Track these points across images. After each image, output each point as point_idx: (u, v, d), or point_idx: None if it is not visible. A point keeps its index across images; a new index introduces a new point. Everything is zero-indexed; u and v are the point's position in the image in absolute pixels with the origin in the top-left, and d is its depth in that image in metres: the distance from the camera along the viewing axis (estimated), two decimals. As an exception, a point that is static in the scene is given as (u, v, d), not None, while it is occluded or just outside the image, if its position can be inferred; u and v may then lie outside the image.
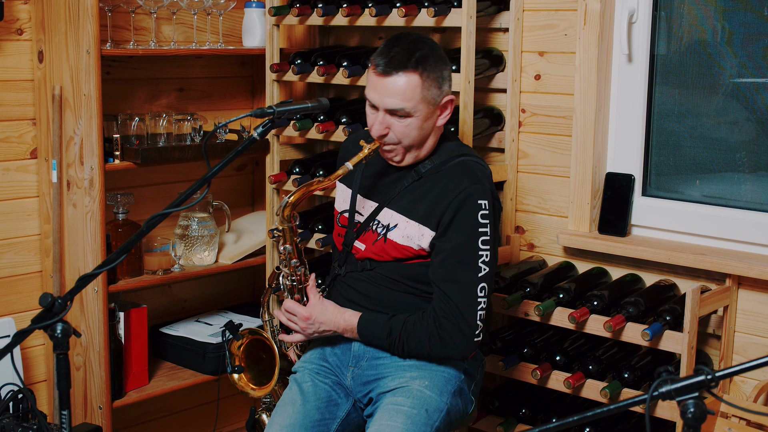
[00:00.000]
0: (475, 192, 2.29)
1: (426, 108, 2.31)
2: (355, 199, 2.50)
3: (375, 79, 2.30)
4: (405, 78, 2.27)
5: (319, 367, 2.47)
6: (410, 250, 2.37)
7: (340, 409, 2.43)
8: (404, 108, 2.28)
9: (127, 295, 3.25)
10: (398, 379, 2.36)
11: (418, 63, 2.27)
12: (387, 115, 2.31)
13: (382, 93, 2.29)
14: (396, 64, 2.27)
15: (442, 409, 2.32)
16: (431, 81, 2.29)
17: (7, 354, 1.93)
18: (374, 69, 2.30)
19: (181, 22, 3.31)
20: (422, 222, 2.35)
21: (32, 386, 3.14)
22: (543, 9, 2.96)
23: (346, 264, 2.49)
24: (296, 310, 2.42)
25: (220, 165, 2.12)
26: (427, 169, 2.39)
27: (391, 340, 2.34)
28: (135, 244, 2.05)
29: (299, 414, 2.37)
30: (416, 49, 2.28)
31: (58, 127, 2.97)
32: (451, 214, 2.29)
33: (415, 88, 2.27)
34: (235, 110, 3.60)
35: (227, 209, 3.35)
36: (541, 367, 2.73)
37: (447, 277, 2.29)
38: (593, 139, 2.88)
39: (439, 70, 2.31)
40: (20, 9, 2.99)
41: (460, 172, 2.35)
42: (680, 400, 1.49)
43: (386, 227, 2.40)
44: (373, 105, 2.33)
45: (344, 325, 2.39)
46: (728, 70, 2.77)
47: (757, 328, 2.67)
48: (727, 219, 2.74)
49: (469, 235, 2.28)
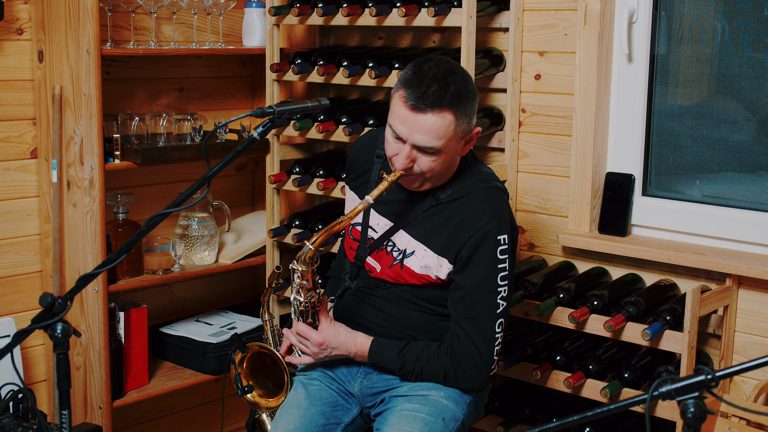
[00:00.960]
0: (494, 228, 2.24)
1: (455, 144, 2.22)
2: (368, 213, 2.43)
3: (405, 113, 2.16)
4: (439, 117, 2.15)
5: (326, 375, 2.45)
6: (428, 279, 2.33)
7: (346, 415, 2.42)
8: (434, 146, 2.17)
9: (127, 295, 3.25)
10: (411, 385, 2.35)
11: (452, 100, 2.15)
12: (414, 150, 2.20)
13: (411, 128, 2.16)
14: (430, 102, 2.14)
15: (458, 419, 2.32)
16: (464, 117, 2.19)
17: (7, 354, 1.93)
18: (405, 102, 2.16)
19: (181, 22, 3.31)
20: (440, 254, 2.30)
21: (32, 386, 3.14)
22: (543, 9, 2.96)
23: (359, 279, 2.45)
24: (309, 335, 2.35)
25: (220, 165, 2.12)
26: (447, 195, 2.32)
27: (403, 373, 2.33)
28: (135, 244, 2.05)
29: (304, 417, 2.35)
30: (450, 83, 2.16)
31: (58, 127, 2.97)
32: (470, 251, 2.25)
33: (448, 127, 2.16)
34: (235, 110, 3.60)
35: (227, 209, 3.35)
36: (541, 367, 2.73)
37: (465, 314, 2.27)
38: (593, 139, 2.88)
39: (471, 105, 2.21)
40: (20, 9, 2.99)
41: (481, 203, 2.28)
42: (680, 399, 1.49)
43: (403, 252, 2.35)
44: (399, 137, 2.21)
45: (355, 350, 2.36)
46: (728, 69, 2.77)
47: (757, 328, 2.67)
48: (727, 219, 2.74)
49: (488, 273, 2.25)
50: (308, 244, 2.27)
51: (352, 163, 2.55)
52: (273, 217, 3.33)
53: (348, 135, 3.00)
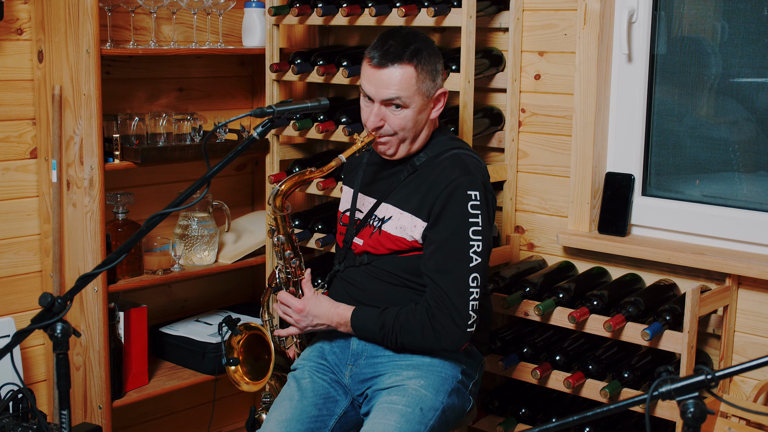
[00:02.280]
0: (465, 182, 2.32)
1: (420, 100, 2.35)
2: (356, 197, 2.52)
3: (370, 71, 2.34)
4: (400, 70, 2.31)
5: (318, 365, 2.48)
6: (404, 241, 2.39)
7: (338, 406, 2.44)
8: (400, 97, 2.32)
9: (126, 295, 3.25)
10: (394, 377, 2.37)
11: (413, 55, 2.32)
12: (382, 107, 2.35)
13: (377, 85, 2.33)
14: (391, 57, 2.31)
15: (437, 408, 2.33)
16: (426, 73, 2.34)
17: (7, 354, 1.93)
18: (369, 62, 2.35)
19: (181, 22, 3.31)
20: (414, 213, 2.37)
21: (32, 386, 3.14)
22: (543, 9, 2.96)
23: (345, 260, 2.51)
24: (290, 302, 2.45)
25: (219, 165, 2.12)
26: (422, 162, 2.42)
27: (383, 333, 2.35)
28: (135, 244, 2.05)
29: (296, 409, 2.38)
30: (410, 42, 2.33)
31: (58, 127, 2.97)
32: (441, 205, 2.32)
33: (410, 80, 2.31)
34: (234, 110, 3.60)
35: (227, 209, 3.35)
36: (541, 367, 2.73)
37: (438, 268, 2.31)
38: (593, 139, 2.88)
39: (432, 63, 2.36)
40: (20, 9, 2.99)
41: (452, 163, 2.38)
42: (680, 399, 1.49)
43: (381, 220, 2.44)
44: (369, 97, 2.37)
45: (338, 318, 2.41)
46: (728, 69, 2.77)
47: (757, 328, 2.67)
48: (727, 219, 2.74)
49: (460, 226, 2.30)
50: (276, 186, 2.40)
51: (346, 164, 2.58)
52: (273, 217, 3.33)
53: (348, 135, 3.00)
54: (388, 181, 2.47)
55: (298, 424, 2.35)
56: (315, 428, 2.38)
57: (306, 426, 2.36)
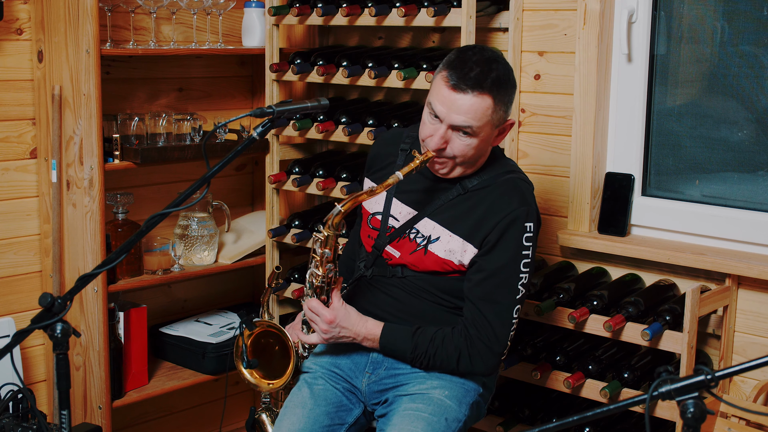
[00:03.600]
0: (522, 214, 2.27)
1: (490, 130, 2.27)
2: (390, 202, 2.44)
3: (446, 92, 2.21)
4: (478, 99, 2.20)
5: (331, 373, 2.44)
6: (450, 265, 2.33)
7: (350, 415, 2.41)
8: (471, 127, 2.22)
9: (126, 295, 3.25)
10: (418, 385, 2.35)
11: (493, 85, 2.21)
12: (449, 130, 2.24)
13: (450, 108, 2.21)
14: (471, 83, 2.19)
15: (460, 419, 2.32)
16: (501, 104, 2.25)
17: (7, 354, 1.93)
18: (446, 81, 2.22)
19: (181, 22, 3.31)
20: (466, 238, 2.31)
21: (32, 386, 3.14)
22: (542, 9, 2.96)
23: (375, 267, 2.44)
24: (320, 311, 2.34)
25: (219, 165, 2.12)
26: (474, 185, 2.35)
27: (415, 355, 2.31)
28: (135, 244, 2.05)
29: (309, 418, 2.35)
30: (492, 69, 2.22)
31: (58, 127, 2.97)
32: (497, 235, 2.27)
33: (486, 110, 2.22)
34: (234, 110, 3.60)
35: (227, 209, 3.35)
36: (541, 367, 2.73)
37: (485, 296, 2.28)
38: (593, 139, 2.88)
39: (509, 95, 2.27)
40: (20, 9, 2.99)
41: (509, 190, 2.31)
42: (680, 400, 1.49)
43: (427, 239, 2.36)
44: (437, 116, 2.25)
45: (365, 333, 2.34)
46: (728, 69, 2.77)
47: (756, 328, 2.67)
48: (727, 219, 2.74)
49: (513, 258, 2.27)
50: (338, 207, 2.28)
51: (375, 157, 2.54)
52: (272, 217, 3.33)
53: (347, 135, 3.00)
54: (433, 195, 2.38)
55: None
56: None
57: None
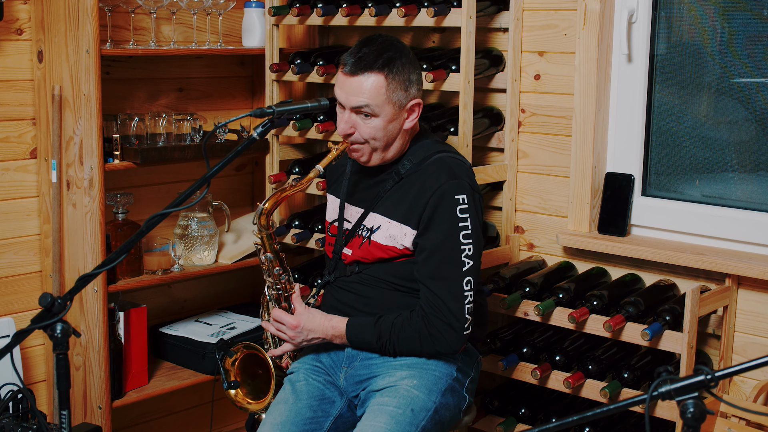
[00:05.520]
0: (451, 188, 2.32)
1: (391, 109, 2.34)
2: (343, 207, 2.53)
3: (342, 78, 2.35)
4: (371, 78, 2.31)
5: (313, 367, 2.49)
6: (394, 250, 2.40)
7: (333, 407, 2.45)
8: (369, 105, 2.32)
9: (126, 295, 3.25)
10: (388, 378, 2.37)
11: (384, 65, 2.31)
12: (353, 114, 2.35)
13: (347, 92, 2.34)
14: (363, 65, 2.31)
15: (429, 408, 2.33)
16: (397, 83, 2.33)
17: (7, 354, 1.93)
18: (342, 68, 2.35)
19: (181, 22, 3.31)
20: (403, 222, 2.38)
21: (32, 386, 3.14)
22: (543, 9, 2.96)
23: (336, 270, 2.52)
24: (284, 319, 2.45)
25: (219, 165, 2.12)
26: (407, 170, 2.42)
27: (381, 344, 2.36)
28: (135, 244, 2.05)
29: (291, 412, 2.39)
30: (384, 50, 2.33)
31: (58, 127, 2.97)
32: (430, 212, 2.33)
33: (380, 89, 2.31)
34: (234, 110, 3.60)
35: (227, 209, 3.35)
36: (540, 367, 2.73)
37: (432, 274, 2.32)
38: (593, 139, 2.88)
39: (406, 73, 2.35)
40: (20, 9, 2.99)
41: (438, 168, 2.37)
42: (680, 400, 1.49)
43: (370, 230, 2.44)
44: (341, 104, 2.37)
45: (332, 331, 2.41)
46: (728, 69, 2.77)
47: (756, 328, 2.67)
48: (727, 219, 2.74)
49: (450, 231, 2.31)
50: (260, 205, 2.41)
51: (331, 170, 2.63)
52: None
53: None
54: (374, 189, 2.47)
55: (293, 426, 2.36)
56: (310, 430, 2.38)
57: (301, 428, 2.37)
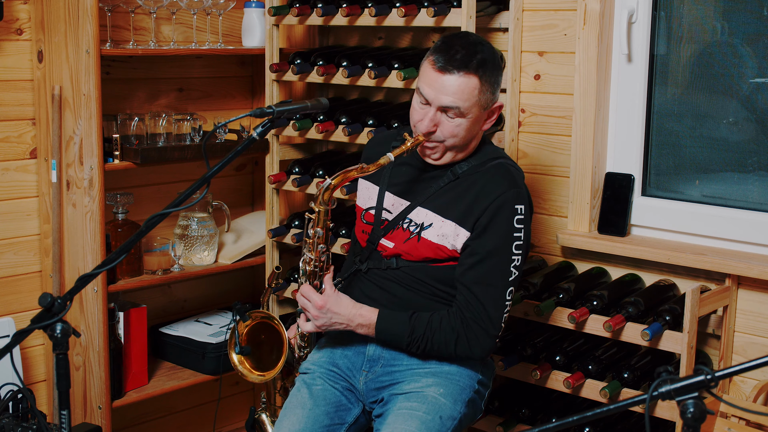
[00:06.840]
0: (512, 196, 2.30)
1: (478, 111, 2.30)
2: (383, 196, 2.46)
3: (433, 75, 2.27)
4: (465, 79, 2.25)
5: (329, 372, 2.45)
6: (444, 250, 2.35)
7: (349, 415, 2.42)
8: (459, 107, 2.26)
9: (126, 295, 3.25)
10: (413, 383, 2.35)
11: (479, 66, 2.26)
12: (438, 113, 2.29)
13: (438, 90, 2.26)
14: (457, 64, 2.25)
15: (455, 417, 2.32)
16: (488, 85, 2.29)
17: (7, 354, 1.93)
18: (433, 65, 2.27)
19: (181, 22, 3.31)
20: (458, 222, 2.33)
21: (32, 386, 3.14)
22: (542, 9, 2.96)
23: (369, 260, 2.45)
24: (311, 297, 2.35)
25: (219, 165, 2.12)
26: (464, 171, 2.37)
27: (412, 339, 2.31)
28: (135, 244, 2.05)
29: (308, 418, 2.35)
30: (477, 51, 2.27)
31: (58, 127, 2.97)
32: (489, 218, 2.29)
33: (473, 90, 2.26)
34: (234, 110, 3.60)
35: (227, 209, 3.35)
36: (540, 367, 2.73)
37: (479, 279, 2.29)
38: (593, 139, 2.88)
39: (495, 76, 2.31)
40: (20, 9, 2.99)
41: (499, 175, 2.34)
42: (680, 400, 1.49)
43: (420, 226, 2.37)
44: (426, 100, 2.29)
45: (359, 320, 2.33)
46: (728, 69, 2.77)
47: (756, 328, 2.67)
48: (727, 219, 2.74)
49: (505, 240, 2.29)
50: (328, 180, 2.31)
51: (367, 160, 2.52)
52: (272, 217, 3.34)
53: (347, 135, 3.00)
54: (423, 184, 2.41)
55: None
56: None
57: None
